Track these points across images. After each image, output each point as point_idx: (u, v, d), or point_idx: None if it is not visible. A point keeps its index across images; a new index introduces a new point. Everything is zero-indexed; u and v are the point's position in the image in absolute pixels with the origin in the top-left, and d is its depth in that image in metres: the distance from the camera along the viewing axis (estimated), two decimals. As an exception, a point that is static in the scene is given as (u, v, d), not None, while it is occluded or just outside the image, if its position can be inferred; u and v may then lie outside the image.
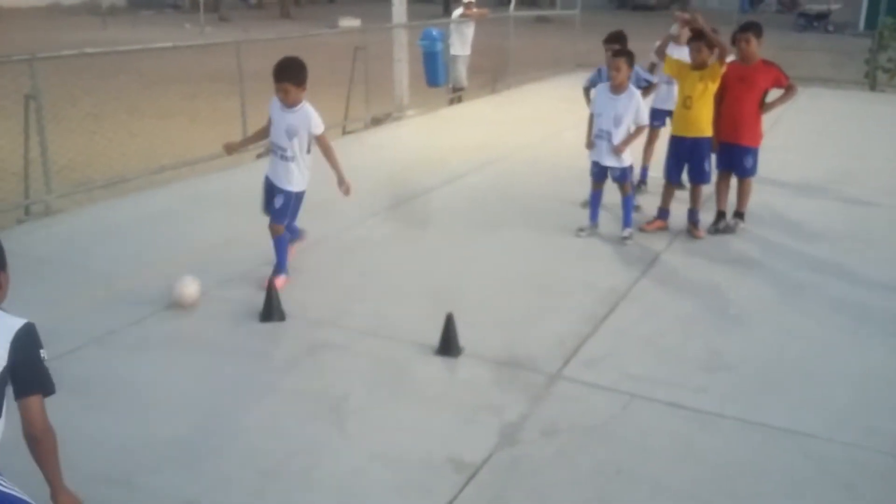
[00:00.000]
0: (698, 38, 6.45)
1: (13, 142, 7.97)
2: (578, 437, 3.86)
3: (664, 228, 6.90)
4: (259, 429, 3.89)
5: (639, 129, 6.51)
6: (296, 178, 5.43)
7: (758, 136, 6.85)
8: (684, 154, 6.71)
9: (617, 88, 6.41)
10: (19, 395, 2.55)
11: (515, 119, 12.15)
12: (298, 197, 5.52)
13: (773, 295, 5.64)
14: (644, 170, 8.01)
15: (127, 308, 5.14)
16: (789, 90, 6.84)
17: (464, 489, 3.44)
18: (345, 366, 4.51)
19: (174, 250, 6.23)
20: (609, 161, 6.48)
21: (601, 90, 6.58)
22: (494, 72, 15.27)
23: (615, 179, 6.60)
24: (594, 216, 6.78)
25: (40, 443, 2.60)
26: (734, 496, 3.45)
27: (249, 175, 8.80)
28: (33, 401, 2.56)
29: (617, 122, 6.40)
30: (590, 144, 6.64)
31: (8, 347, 2.48)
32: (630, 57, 6.48)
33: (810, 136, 11.24)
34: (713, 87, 6.51)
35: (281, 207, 5.45)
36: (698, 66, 6.50)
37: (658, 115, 7.80)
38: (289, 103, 5.32)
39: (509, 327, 5.03)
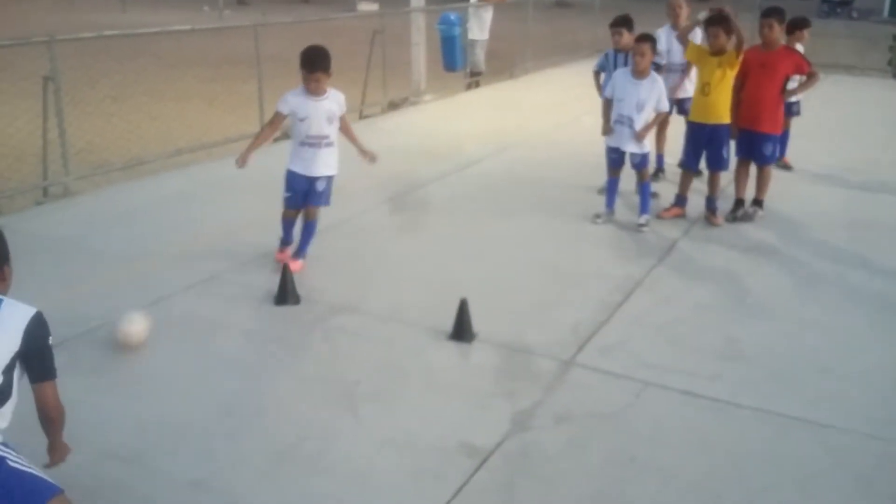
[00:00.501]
0: (717, 23, 6.35)
1: (32, 123, 8.01)
2: (591, 425, 3.84)
3: (682, 216, 6.84)
4: (272, 412, 3.90)
5: (659, 115, 6.45)
6: (335, 161, 5.50)
7: (779, 123, 6.77)
8: (702, 141, 6.64)
9: (640, 74, 6.35)
10: (34, 380, 2.61)
11: (533, 104, 12.08)
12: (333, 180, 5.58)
13: (790, 284, 5.59)
14: (659, 157, 7.95)
15: (143, 289, 5.17)
16: (811, 77, 6.75)
17: (475, 475, 3.44)
18: (358, 350, 4.51)
19: (191, 233, 6.26)
20: (630, 147, 6.43)
21: (622, 75, 6.51)
22: (512, 56, 15.17)
23: (634, 166, 6.55)
24: (611, 203, 6.74)
25: (55, 422, 2.68)
26: (747, 487, 3.42)
27: (266, 159, 8.81)
28: (48, 386, 2.62)
29: (640, 107, 6.35)
30: (607, 130, 6.58)
31: (22, 334, 2.53)
32: (654, 42, 6.42)
33: (832, 124, 11.10)
34: (731, 73, 6.43)
35: (325, 190, 5.50)
36: (717, 52, 6.42)
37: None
38: (320, 92, 5.30)
39: (523, 314, 5.01)
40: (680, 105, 7.63)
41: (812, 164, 8.76)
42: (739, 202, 6.90)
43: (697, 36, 7.16)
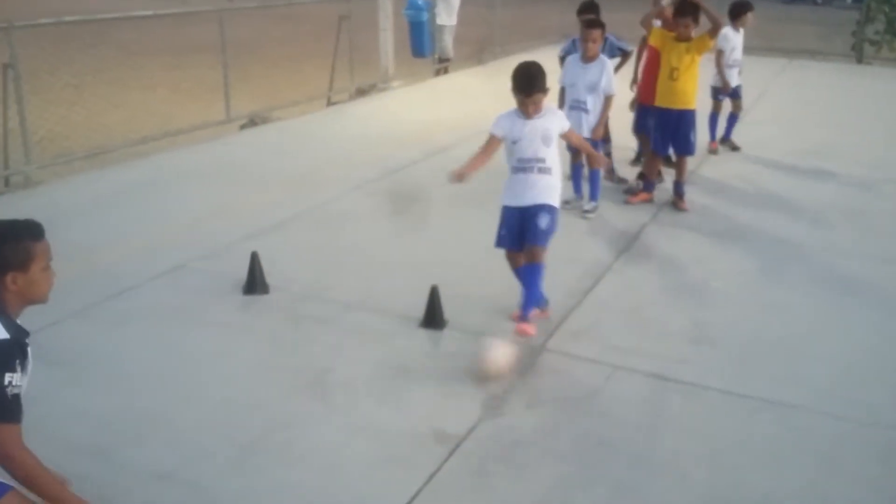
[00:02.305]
0: (687, 12, 6.38)
1: (-9, 112, 7.84)
2: (562, 409, 3.86)
3: (650, 201, 6.88)
4: (240, 402, 3.87)
5: (608, 101, 6.44)
6: (557, 190, 4.60)
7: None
8: (670, 126, 6.68)
9: (589, 58, 6.39)
10: None
11: (502, 90, 11.98)
12: (558, 213, 4.62)
13: (756, 268, 5.65)
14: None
15: (107, 281, 5.09)
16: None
17: (447, 461, 3.44)
18: (328, 339, 4.49)
19: (156, 222, 6.17)
20: (585, 131, 6.43)
21: (572, 61, 6.56)
22: (481, 42, 15.14)
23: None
24: (577, 188, 6.76)
25: (9, 470, 2.43)
26: (716, 467, 3.46)
27: (232, 147, 8.74)
28: None
29: (590, 89, 6.38)
30: None
31: None
32: (603, 27, 6.49)
33: (796, 108, 11.24)
34: (699, 58, 6.48)
35: (548, 226, 4.50)
36: (684, 38, 6.45)
37: None
38: (535, 113, 4.50)
39: (494, 300, 5.01)
40: None
41: (777, 149, 8.86)
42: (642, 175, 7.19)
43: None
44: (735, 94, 8.67)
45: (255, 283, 4.99)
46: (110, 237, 5.84)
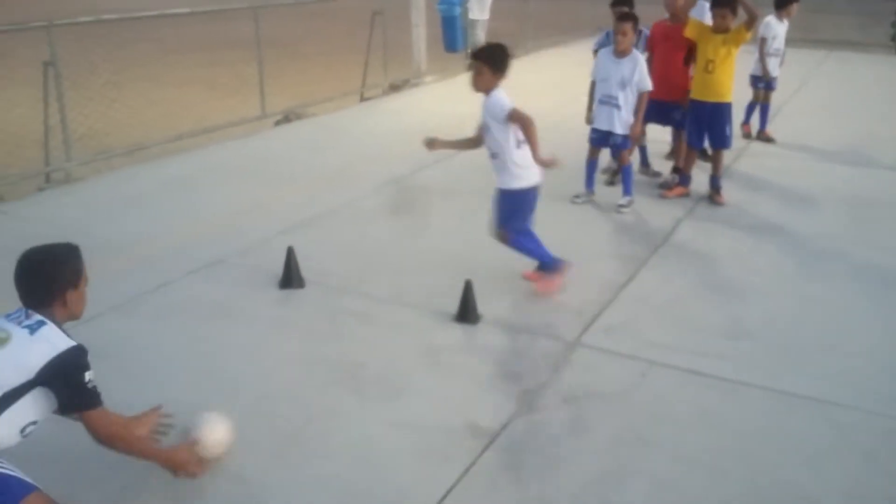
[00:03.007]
0: (725, 3, 6.30)
1: (33, 109, 7.99)
2: (597, 405, 3.85)
3: (686, 195, 6.82)
4: (278, 395, 3.91)
5: (642, 97, 6.35)
6: (507, 175, 4.88)
7: (686, 92, 6.81)
8: (704, 119, 6.61)
9: (621, 53, 6.33)
10: (70, 411, 2.68)
11: (534, 84, 12.01)
12: (518, 197, 4.90)
13: (794, 262, 5.58)
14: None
15: (147, 275, 5.17)
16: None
17: (482, 455, 3.45)
18: (364, 333, 4.52)
19: (194, 217, 6.25)
20: (616, 127, 6.39)
21: (604, 55, 6.49)
22: (513, 36, 15.08)
23: (615, 146, 6.51)
24: (590, 183, 6.73)
25: (112, 446, 2.75)
26: (753, 463, 3.43)
27: (268, 143, 8.82)
28: (86, 417, 2.68)
29: (622, 85, 6.32)
30: (589, 120, 6.62)
31: (40, 367, 2.54)
32: (636, 20, 6.40)
33: (836, 100, 11.05)
34: (735, 50, 6.40)
35: (504, 211, 4.92)
36: (721, 30, 6.37)
37: None
38: (482, 89, 4.78)
39: (528, 294, 5.01)
40: None
41: (815, 141, 8.73)
42: (677, 169, 7.10)
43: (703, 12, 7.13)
44: (768, 86, 8.59)
45: (291, 277, 5.04)
46: (149, 232, 5.93)
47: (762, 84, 8.53)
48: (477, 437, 3.57)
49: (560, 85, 11.88)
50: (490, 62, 4.71)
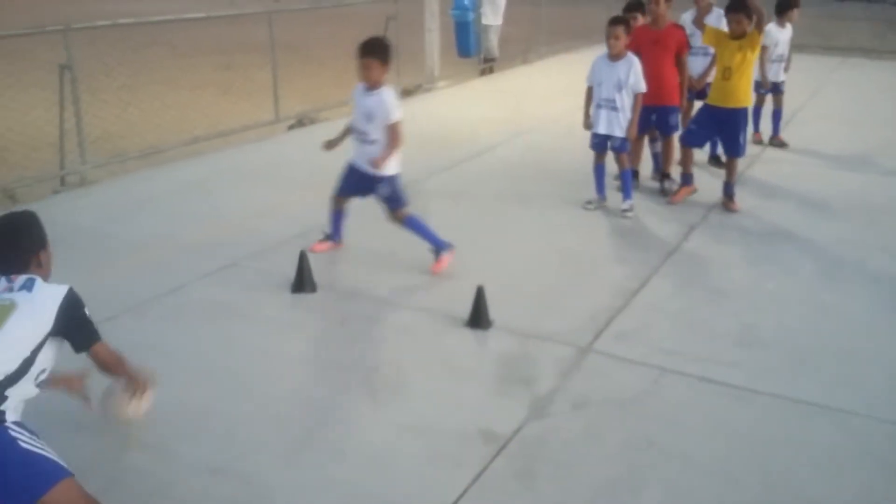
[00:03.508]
0: (738, 8, 6.28)
1: (48, 112, 8.06)
2: (609, 411, 3.84)
3: (693, 192, 6.81)
4: (291, 398, 3.92)
5: (637, 98, 6.36)
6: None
7: (676, 95, 6.82)
8: (717, 125, 6.59)
9: (615, 57, 6.34)
10: (82, 349, 2.79)
11: (547, 90, 12.02)
12: (398, 177, 5.35)
13: (809, 269, 5.55)
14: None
15: (160, 278, 5.20)
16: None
17: (494, 461, 3.45)
18: (376, 337, 4.52)
19: (208, 221, 6.28)
20: (613, 130, 6.40)
21: (600, 61, 6.50)
22: (526, 42, 15.09)
23: (613, 149, 6.52)
24: (601, 189, 6.72)
25: (115, 371, 2.91)
26: (766, 471, 3.41)
27: (282, 146, 8.85)
28: (95, 350, 2.81)
29: (619, 87, 6.33)
30: (588, 125, 6.61)
31: (55, 314, 2.66)
32: (627, 25, 6.43)
33: (850, 107, 10.99)
34: (752, 56, 6.38)
35: (392, 194, 5.32)
36: (737, 35, 6.36)
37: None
38: (371, 82, 5.15)
39: (540, 300, 5.01)
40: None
41: (830, 148, 8.69)
42: (665, 175, 7.10)
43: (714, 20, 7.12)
44: (777, 90, 8.58)
45: (303, 281, 5.05)
46: (163, 235, 5.96)
47: (763, 90, 8.52)
48: (489, 443, 3.56)
49: (572, 90, 11.83)
50: (381, 56, 5.09)
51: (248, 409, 3.81)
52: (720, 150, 7.96)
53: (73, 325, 2.72)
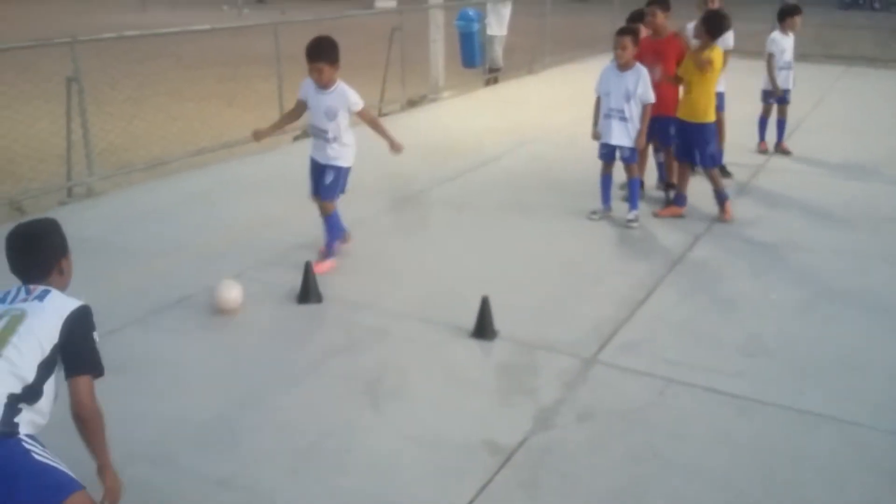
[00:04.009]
0: (701, 24, 6.46)
1: (55, 124, 8.10)
2: (614, 422, 3.84)
3: (681, 216, 6.68)
4: (295, 409, 3.92)
5: (646, 109, 6.38)
6: (343, 154, 5.46)
7: (673, 105, 6.80)
8: (688, 137, 6.60)
9: (624, 66, 6.35)
10: (68, 374, 2.65)
11: (552, 100, 12.04)
12: (347, 172, 5.55)
13: (814, 279, 5.54)
14: (720, 153, 7.86)
15: (166, 289, 5.21)
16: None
17: (499, 472, 3.45)
18: (381, 348, 4.53)
19: (213, 232, 6.30)
20: (622, 140, 6.41)
21: (608, 70, 6.52)
22: (531, 52, 15.13)
23: (623, 159, 6.52)
24: (606, 199, 6.72)
25: (87, 423, 2.67)
26: (772, 483, 3.41)
27: (286, 158, 8.87)
28: (81, 381, 2.65)
29: (627, 98, 6.35)
30: (596, 135, 6.62)
31: (60, 327, 2.61)
32: (635, 35, 6.43)
33: (854, 116, 10.98)
34: (712, 74, 6.37)
35: (331, 183, 5.46)
36: (698, 50, 6.44)
37: None
38: (323, 84, 5.30)
39: (544, 311, 5.01)
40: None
41: (834, 157, 8.69)
42: (669, 185, 7.07)
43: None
44: (782, 100, 8.58)
45: (308, 292, 5.07)
46: (169, 246, 5.98)
47: (773, 99, 8.53)
48: (494, 454, 3.57)
49: (576, 100, 11.86)
50: (329, 58, 5.23)
51: (253, 420, 3.82)
52: (725, 160, 7.99)
53: (73, 341, 2.63)
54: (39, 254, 2.79)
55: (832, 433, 3.76)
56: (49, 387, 2.63)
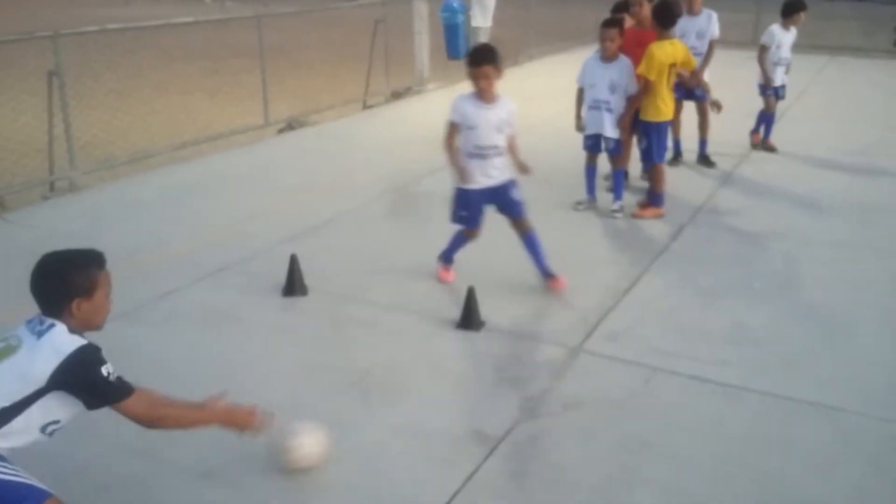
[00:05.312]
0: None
1: (37, 118, 8.03)
2: (600, 411, 3.84)
3: (660, 216, 6.54)
4: (282, 402, 3.89)
5: (630, 100, 6.35)
6: (507, 164, 5.12)
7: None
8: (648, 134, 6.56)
9: (609, 58, 6.34)
10: (93, 408, 2.62)
11: (537, 92, 12.03)
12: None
13: (799, 268, 5.57)
14: (676, 142, 7.90)
15: (151, 283, 5.18)
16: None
17: (485, 462, 3.45)
18: (367, 340, 4.52)
19: (198, 226, 6.27)
20: (607, 131, 6.40)
21: (592, 61, 6.49)
22: (516, 44, 15.12)
23: (608, 151, 6.52)
24: (591, 189, 6.72)
25: (160, 427, 2.77)
26: (759, 469, 3.42)
27: (271, 150, 8.84)
28: (119, 409, 2.64)
29: (612, 89, 6.33)
30: (580, 127, 6.61)
31: (50, 374, 2.50)
32: (622, 27, 6.41)
33: (837, 106, 11.05)
34: (647, 72, 6.23)
35: (521, 198, 5.15)
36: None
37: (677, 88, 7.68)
38: (488, 93, 4.91)
39: (531, 301, 5.01)
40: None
41: (819, 147, 8.72)
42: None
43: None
44: (776, 94, 8.52)
45: (294, 285, 5.04)
46: (153, 240, 5.94)
47: (770, 91, 8.42)
48: (481, 444, 3.56)
49: (561, 92, 11.87)
50: (495, 64, 4.85)
51: (239, 414, 3.79)
52: (709, 150, 8.03)
53: (78, 385, 2.56)
54: (48, 293, 2.67)
55: (819, 420, 3.78)
56: (31, 414, 2.54)
